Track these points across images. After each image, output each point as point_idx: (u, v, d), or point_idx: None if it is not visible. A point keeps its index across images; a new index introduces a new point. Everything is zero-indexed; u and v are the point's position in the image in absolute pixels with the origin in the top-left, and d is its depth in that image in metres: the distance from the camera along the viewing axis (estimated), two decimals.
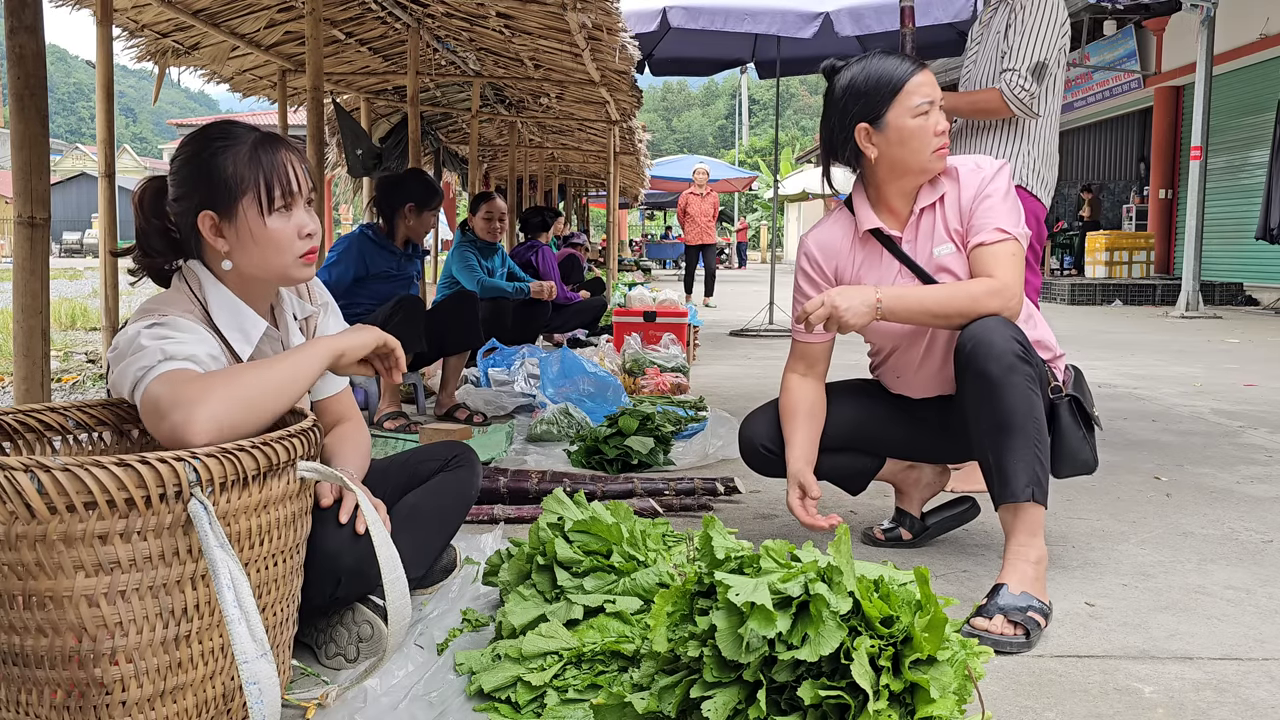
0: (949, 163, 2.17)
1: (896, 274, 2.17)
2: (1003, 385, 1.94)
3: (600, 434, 3.34)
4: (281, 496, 1.40)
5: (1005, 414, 1.94)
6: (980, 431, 1.99)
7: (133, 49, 5.91)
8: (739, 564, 1.42)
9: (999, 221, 2.07)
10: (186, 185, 1.61)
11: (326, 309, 1.90)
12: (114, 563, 1.24)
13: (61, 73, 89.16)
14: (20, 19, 2.23)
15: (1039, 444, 1.94)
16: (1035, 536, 1.95)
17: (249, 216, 1.60)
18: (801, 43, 7.44)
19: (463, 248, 5.49)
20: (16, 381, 2.29)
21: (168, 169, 1.68)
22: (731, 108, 75.88)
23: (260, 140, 1.63)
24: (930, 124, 2.09)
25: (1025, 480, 1.92)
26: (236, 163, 1.59)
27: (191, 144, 1.64)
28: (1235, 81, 13.54)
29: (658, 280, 17.23)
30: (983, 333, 1.97)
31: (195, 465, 1.25)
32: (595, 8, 4.82)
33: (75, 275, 19.19)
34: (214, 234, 1.60)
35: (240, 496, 1.32)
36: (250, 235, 1.60)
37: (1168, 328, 9.54)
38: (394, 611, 1.46)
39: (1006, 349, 1.94)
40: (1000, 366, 1.94)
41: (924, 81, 2.11)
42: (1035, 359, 2.00)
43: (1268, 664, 1.76)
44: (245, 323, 1.64)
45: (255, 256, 1.62)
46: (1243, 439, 3.91)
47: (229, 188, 1.59)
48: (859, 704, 1.27)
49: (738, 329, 8.88)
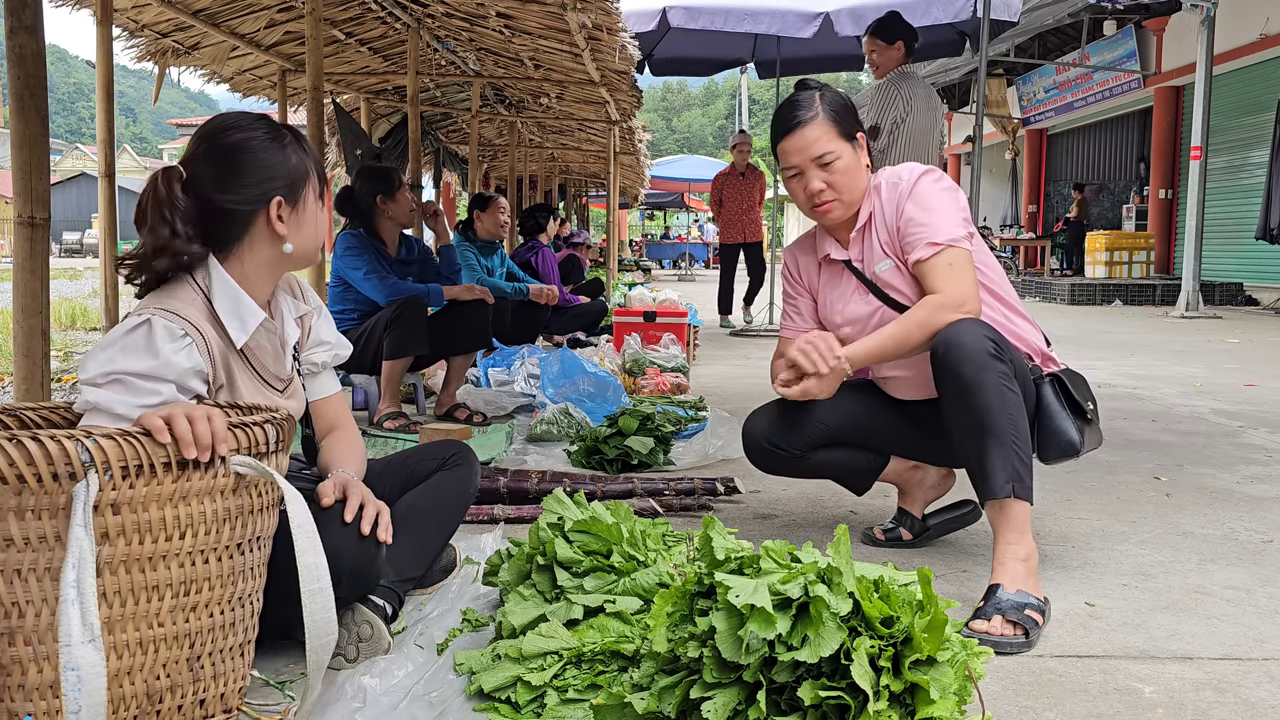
0: (876, 179, 2.23)
1: (854, 290, 2.25)
2: (976, 385, 1.95)
3: (600, 434, 3.34)
4: (207, 489, 1.33)
5: (980, 413, 1.95)
6: (959, 433, 2.01)
7: (133, 49, 5.91)
8: (739, 564, 1.41)
9: (928, 235, 2.10)
10: (249, 174, 1.66)
11: (320, 312, 1.92)
12: (8, 539, 1.22)
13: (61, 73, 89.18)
14: (20, 19, 2.23)
15: (1017, 440, 1.94)
16: (1023, 533, 1.94)
17: (310, 201, 1.73)
18: (801, 43, 7.45)
19: (462, 246, 5.49)
20: (16, 381, 2.30)
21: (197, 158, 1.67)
22: (731, 108, 75.88)
23: (294, 132, 1.75)
24: (799, 186, 2.19)
25: (1005, 477, 1.93)
26: (295, 153, 1.71)
27: (233, 135, 1.67)
28: (1235, 81, 13.54)
29: (658, 280, 17.24)
30: (954, 335, 1.99)
31: (89, 445, 1.23)
32: (595, 8, 4.81)
33: (75, 275, 19.19)
34: (278, 220, 1.68)
35: (149, 484, 1.28)
36: (312, 218, 1.74)
37: (1168, 328, 9.54)
38: (313, 627, 1.35)
39: (978, 349, 1.96)
40: (973, 367, 1.95)
41: (788, 150, 2.18)
42: (1009, 355, 2.00)
43: (1268, 664, 1.76)
44: (244, 311, 1.67)
45: (310, 239, 1.74)
46: (1243, 439, 3.91)
47: (296, 175, 1.70)
48: (859, 704, 1.27)
49: (738, 329, 8.88)
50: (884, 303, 2.20)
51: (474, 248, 5.67)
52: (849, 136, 2.17)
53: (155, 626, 1.31)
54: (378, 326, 3.94)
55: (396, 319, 3.88)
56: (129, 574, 1.28)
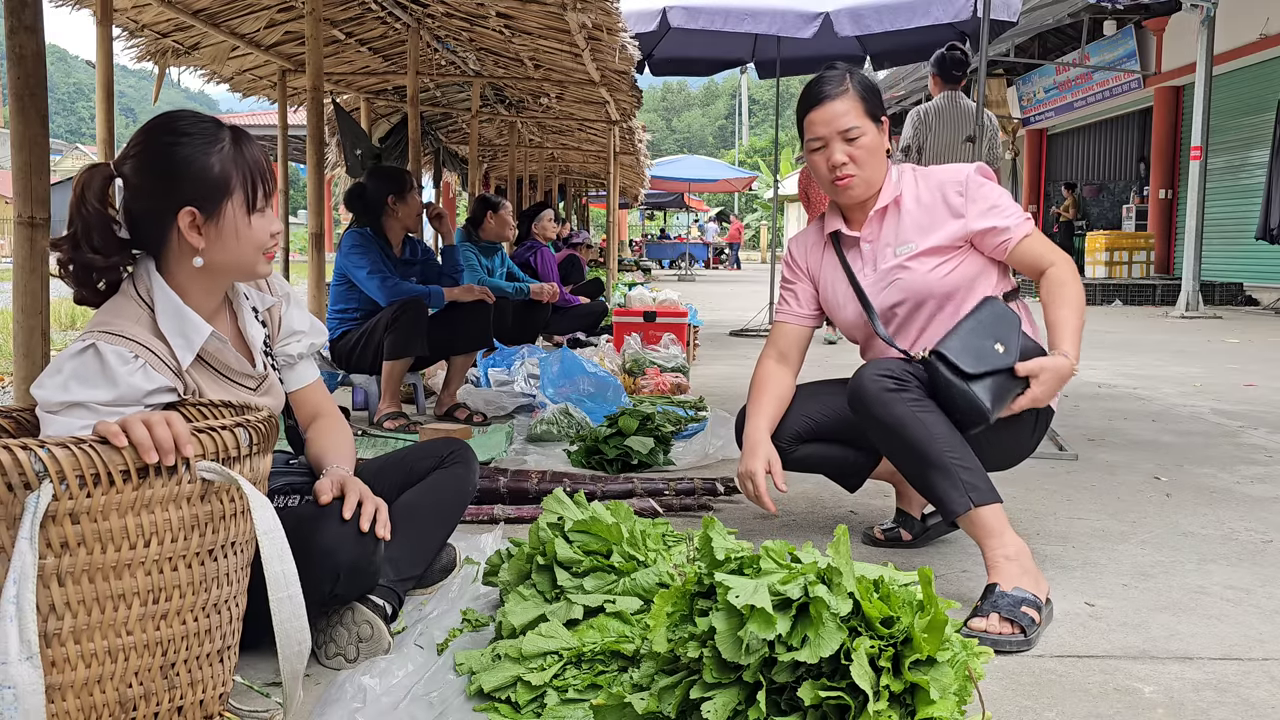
0: (901, 167, 2.26)
1: (858, 270, 2.27)
2: (891, 421, 1.99)
3: (600, 434, 3.34)
4: (171, 497, 1.29)
5: (910, 447, 1.99)
6: (904, 472, 2.07)
7: (133, 49, 5.90)
8: (739, 565, 1.41)
9: (1019, 218, 2.17)
10: (164, 180, 1.57)
11: (288, 299, 1.87)
12: None
13: (61, 73, 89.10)
14: (20, 19, 2.23)
15: (953, 455, 1.96)
16: (1002, 534, 1.95)
17: (236, 215, 1.61)
18: (801, 43, 7.43)
19: (463, 246, 5.49)
20: (17, 381, 2.30)
21: (128, 156, 1.61)
22: (731, 108, 75.89)
23: (237, 137, 1.62)
24: (822, 159, 2.19)
25: (958, 494, 1.95)
26: (222, 160, 1.59)
27: (163, 136, 1.59)
28: (1235, 81, 13.54)
29: (658, 280, 17.24)
30: (854, 384, 2.06)
31: (42, 455, 1.20)
32: (595, 8, 4.81)
33: None
34: (192, 230, 1.59)
35: (107, 493, 1.24)
36: (234, 233, 1.61)
37: (1168, 328, 9.54)
38: (283, 635, 1.32)
39: (875, 388, 2.01)
40: (881, 406, 2.00)
41: (816, 120, 2.18)
42: (908, 380, 2.02)
43: (1268, 664, 1.76)
44: (188, 328, 1.61)
45: (233, 253, 1.62)
46: (1243, 439, 3.91)
47: (216, 186, 1.58)
48: (859, 705, 1.27)
49: (738, 329, 8.88)
50: (856, 293, 2.24)
51: (475, 248, 5.67)
52: (875, 117, 2.20)
53: (124, 635, 1.28)
54: (378, 327, 3.95)
55: (397, 320, 3.89)
56: (93, 583, 1.25)
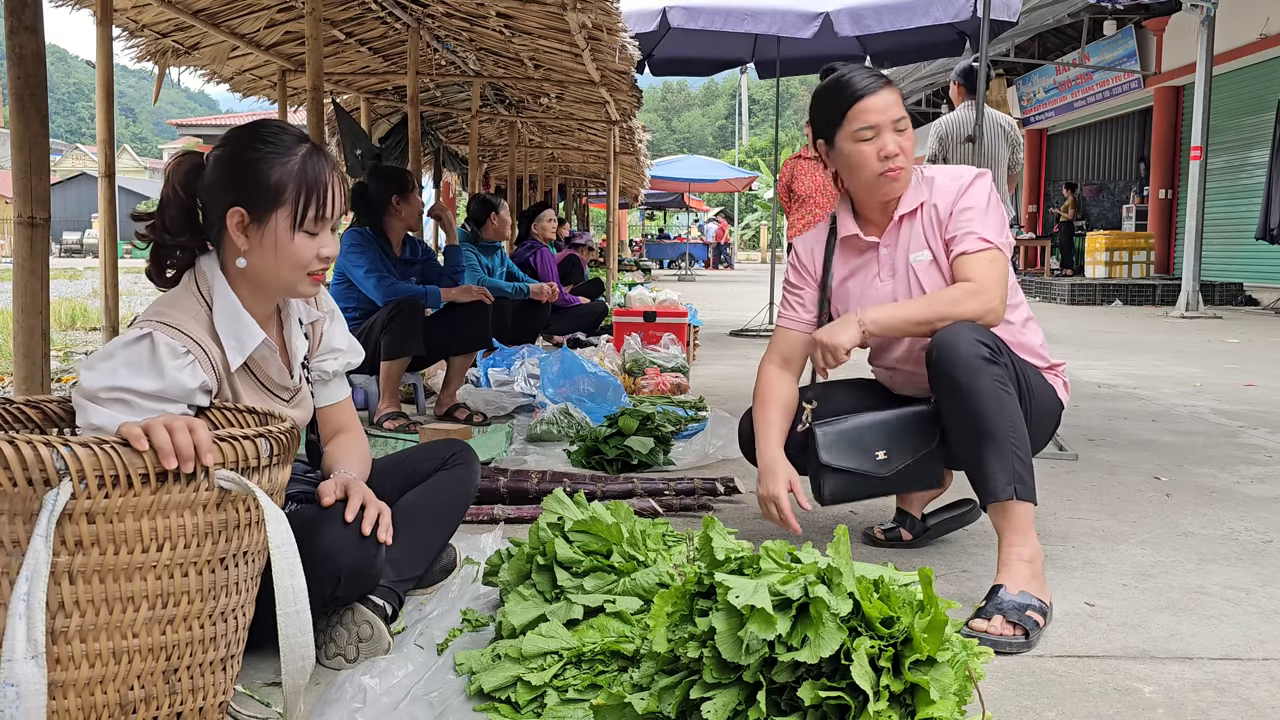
0: (929, 172, 2.21)
1: (874, 277, 2.23)
2: (971, 390, 1.95)
3: (600, 434, 3.34)
4: (187, 503, 1.29)
5: (976, 418, 1.95)
6: (957, 437, 2.03)
7: (133, 49, 5.91)
8: (739, 565, 1.41)
9: (980, 231, 2.10)
10: (226, 177, 1.62)
11: (333, 316, 1.90)
12: None
13: (61, 73, 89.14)
14: (20, 19, 2.23)
15: (1015, 443, 1.94)
16: (1027, 534, 1.94)
17: (279, 227, 1.62)
18: (801, 43, 7.44)
19: (463, 246, 5.49)
20: (16, 381, 2.30)
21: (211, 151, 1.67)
22: (731, 108, 75.89)
23: (311, 154, 1.64)
24: (873, 148, 2.11)
25: (1005, 479, 1.93)
26: (283, 172, 1.61)
27: (241, 139, 1.64)
28: (1235, 81, 13.54)
29: (657, 280, 17.24)
30: (948, 338, 1.99)
31: (64, 452, 1.20)
32: (595, 8, 4.81)
33: (75, 275, 19.18)
34: (238, 230, 1.62)
35: (124, 495, 1.25)
36: (274, 244, 1.62)
37: (1167, 328, 9.54)
38: (288, 651, 1.32)
39: (971, 353, 1.96)
40: (966, 372, 1.95)
41: (870, 107, 2.11)
42: (1005, 359, 2.00)
43: (1268, 664, 1.76)
44: (243, 332, 1.64)
45: (270, 264, 1.64)
46: (1243, 439, 3.91)
47: (268, 194, 1.61)
48: (859, 705, 1.27)
49: (738, 329, 8.88)
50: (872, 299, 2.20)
51: (475, 247, 5.67)
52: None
53: (129, 637, 1.27)
54: (375, 327, 3.95)
55: (393, 320, 3.89)
56: (103, 583, 1.25)
